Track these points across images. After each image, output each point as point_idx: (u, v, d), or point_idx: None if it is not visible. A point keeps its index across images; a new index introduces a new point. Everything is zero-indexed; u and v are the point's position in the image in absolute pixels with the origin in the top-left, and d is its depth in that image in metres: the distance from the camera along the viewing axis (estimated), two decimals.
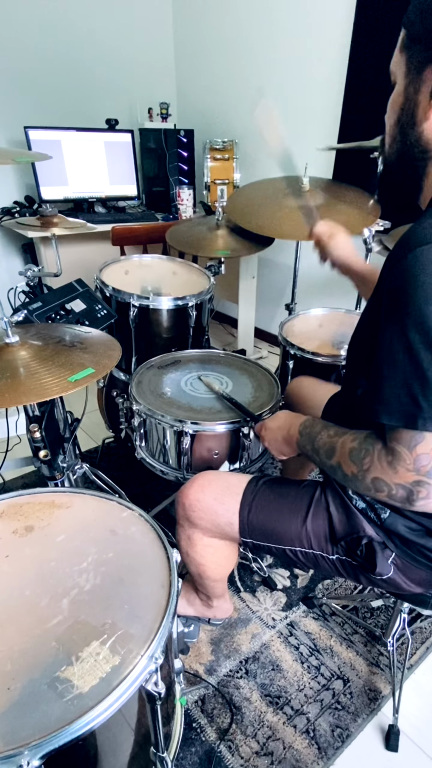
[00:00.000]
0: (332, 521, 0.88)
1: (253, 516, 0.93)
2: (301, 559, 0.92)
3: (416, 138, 0.64)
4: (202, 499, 0.96)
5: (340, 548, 0.88)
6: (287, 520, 0.91)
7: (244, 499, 0.94)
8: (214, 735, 1.09)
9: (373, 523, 0.84)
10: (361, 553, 0.84)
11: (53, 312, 1.27)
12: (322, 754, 1.06)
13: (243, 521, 0.94)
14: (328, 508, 0.89)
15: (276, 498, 0.93)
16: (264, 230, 1.65)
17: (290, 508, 0.91)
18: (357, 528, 0.85)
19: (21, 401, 0.84)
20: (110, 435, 1.95)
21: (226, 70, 2.68)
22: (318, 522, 0.89)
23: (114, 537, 0.83)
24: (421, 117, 0.63)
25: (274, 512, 0.92)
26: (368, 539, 0.83)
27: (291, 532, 0.90)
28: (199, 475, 1.01)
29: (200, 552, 1.03)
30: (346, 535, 0.86)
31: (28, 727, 0.56)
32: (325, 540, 0.89)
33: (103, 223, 2.27)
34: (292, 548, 0.91)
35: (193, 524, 0.99)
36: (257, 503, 0.94)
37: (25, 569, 0.77)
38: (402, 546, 0.82)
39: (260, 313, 2.92)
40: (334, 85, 2.17)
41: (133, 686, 0.61)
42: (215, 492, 0.97)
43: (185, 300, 1.52)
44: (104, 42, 2.65)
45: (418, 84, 0.62)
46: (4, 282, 2.57)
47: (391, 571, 0.83)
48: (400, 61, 0.64)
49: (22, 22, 2.37)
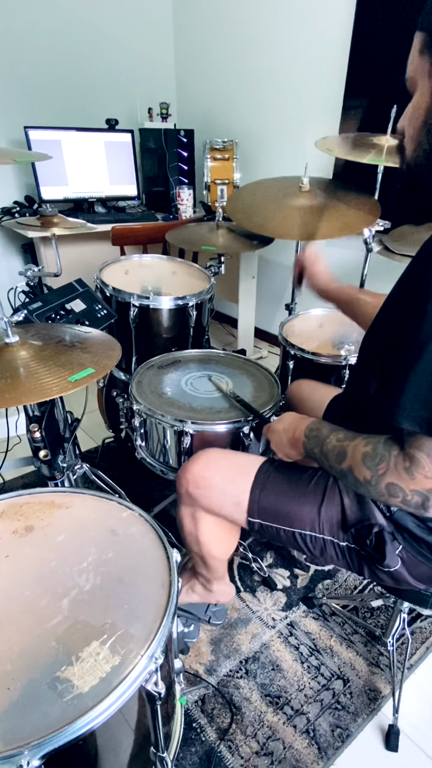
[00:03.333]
0: (344, 508, 0.88)
1: (264, 496, 0.92)
2: (309, 545, 0.92)
3: None
4: (208, 476, 0.95)
5: (350, 536, 0.88)
6: (302, 504, 0.90)
7: (256, 479, 0.94)
8: (214, 735, 1.09)
9: (383, 514, 0.84)
10: (370, 542, 0.83)
11: (53, 312, 1.27)
12: (322, 754, 1.06)
13: (254, 501, 0.93)
14: (341, 495, 0.89)
15: (291, 481, 0.93)
16: (264, 230, 1.65)
17: (305, 492, 0.91)
18: (368, 515, 0.85)
19: (21, 401, 0.84)
20: (110, 435, 1.95)
21: (226, 70, 2.68)
22: (332, 508, 0.89)
23: (114, 537, 0.83)
24: None
25: (288, 494, 0.91)
26: (379, 528, 0.83)
27: (304, 516, 0.90)
28: (203, 452, 1.00)
29: (204, 530, 1.02)
30: (357, 522, 0.86)
31: (28, 727, 0.56)
32: (338, 526, 0.88)
33: (103, 223, 2.27)
34: (302, 532, 0.91)
35: (196, 501, 0.98)
36: (270, 484, 0.93)
37: (25, 569, 0.77)
38: (410, 540, 0.82)
39: (260, 313, 2.92)
40: (335, 85, 2.17)
41: (133, 686, 0.61)
42: (223, 470, 0.96)
43: (185, 300, 1.52)
44: (104, 42, 2.65)
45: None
46: (4, 282, 2.56)
47: (398, 563, 0.83)
48: (421, 65, 0.63)
49: (23, 22, 2.37)
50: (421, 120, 0.64)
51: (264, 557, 1.52)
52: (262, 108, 2.55)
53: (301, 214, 1.63)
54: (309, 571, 1.49)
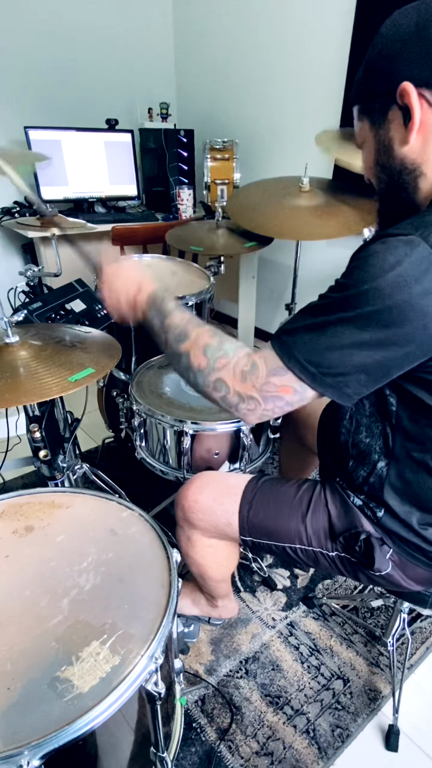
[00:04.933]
0: (331, 517, 0.88)
1: (253, 514, 0.93)
2: (301, 557, 0.93)
3: (400, 166, 0.67)
4: (200, 500, 0.96)
5: (339, 545, 0.88)
6: (287, 518, 0.91)
7: (243, 498, 0.94)
8: (214, 735, 1.09)
9: (370, 520, 0.84)
10: (359, 549, 0.84)
11: (53, 312, 1.27)
12: (322, 754, 1.06)
13: (243, 520, 0.94)
14: (326, 505, 0.89)
15: (276, 497, 0.94)
16: (264, 230, 1.65)
17: (290, 506, 0.92)
18: (355, 523, 0.85)
19: (21, 401, 0.84)
20: (110, 435, 1.95)
21: (226, 70, 2.68)
22: (318, 519, 0.89)
23: (114, 537, 0.83)
24: (398, 147, 0.66)
25: (274, 510, 0.92)
26: (366, 534, 0.83)
27: (291, 530, 0.91)
28: (198, 476, 1.01)
29: (200, 553, 1.03)
30: (345, 530, 0.86)
31: (28, 727, 0.56)
32: (325, 537, 0.89)
33: (103, 223, 2.27)
34: (291, 545, 0.92)
35: (192, 525, 0.99)
36: (257, 502, 0.94)
37: (25, 569, 0.77)
38: (399, 543, 0.82)
39: (260, 313, 2.92)
40: (335, 85, 2.16)
41: (133, 686, 0.61)
42: (214, 493, 0.97)
43: (185, 299, 1.51)
44: (104, 42, 2.65)
45: (387, 126, 0.66)
46: (4, 282, 2.57)
47: (389, 567, 0.84)
48: (364, 126, 0.70)
49: (22, 22, 2.37)
50: (373, 160, 0.72)
51: (264, 557, 1.52)
52: (262, 108, 2.55)
53: (301, 214, 1.63)
54: (309, 571, 1.49)
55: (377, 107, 0.67)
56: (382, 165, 0.70)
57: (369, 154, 0.72)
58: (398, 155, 0.67)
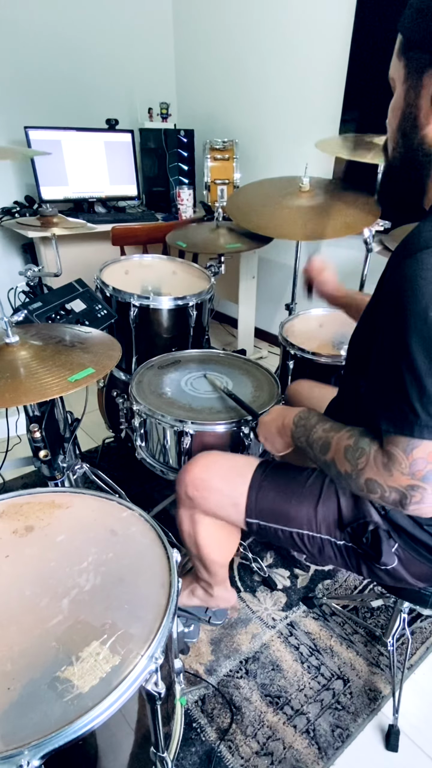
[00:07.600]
0: (341, 506, 0.88)
1: (262, 496, 0.93)
2: (307, 544, 0.92)
3: (419, 142, 0.65)
4: (206, 478, 0.96)
5: (347, 534, 0.88)
6: (299, 503, 0.90)
7: (253, 479, 0.94)
8: (214, 735, 1.09)
9: (378, 513, 0.84)
10: (367, 540, 0.84)
11: (53, 312, 1.27)
12: (322, 754, 1.06)
13: (251, 501, 0.93)
14: (337, 493, 0.89)
15: (288, 481, 0.93)
16: (264, 230, 1.65)
17: (302, 491, 0.91)
18: (364, 513, 0.85)
19: (21, 401, 0.84)
20: (110, 435, 1.95)
21: (226, 70, 2.68)
22: (329, 506, 0.89)
23: (114, 537, 0.83)
24: (423, 122, 0.63)
25: (285, 493, 0.92)
26: (374, 525, 0.83)
27: (301, 515, 0.90)
28: (203, 455, 1.00)
29: (202, 533, 1.02)
30: (354, 519, 0.86)
31: (28, 727, 0.56)
32: (335, 525, 0.89)
33: (103, 223, 2.27)
34: (299, 531, 0.91)
35: (195, 503, 0.98)
36: (268, 484, 0.93)
37: (25, 569, 0.77)
38: (405, 538, 0.82)
39: (260, 313, 2.92)
40: (335, 85, 2.16)
41: (133, 686, 0.61)
42: (221, 471, 0.96)
43: (185, 300, 1.52)
44: (104, 42, 2.65)
45: (419, 89, 0.62)
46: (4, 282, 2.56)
47: (395, 561, 0.84)
48: (399, 67, 0.64)
49: (23, 21, 2.37)
50: (396, 122, 0.67)
51: (264, 557, 1.52)
52: (262, 108, 2.55)
53: (301, 214, 1.63)
54: (309, 571, 1.49)
55: (415, 58, 0.61)
56: (404, 132, 0.66)
57: (395, 107, 0.66)
58: (421, 132, 0.63)
